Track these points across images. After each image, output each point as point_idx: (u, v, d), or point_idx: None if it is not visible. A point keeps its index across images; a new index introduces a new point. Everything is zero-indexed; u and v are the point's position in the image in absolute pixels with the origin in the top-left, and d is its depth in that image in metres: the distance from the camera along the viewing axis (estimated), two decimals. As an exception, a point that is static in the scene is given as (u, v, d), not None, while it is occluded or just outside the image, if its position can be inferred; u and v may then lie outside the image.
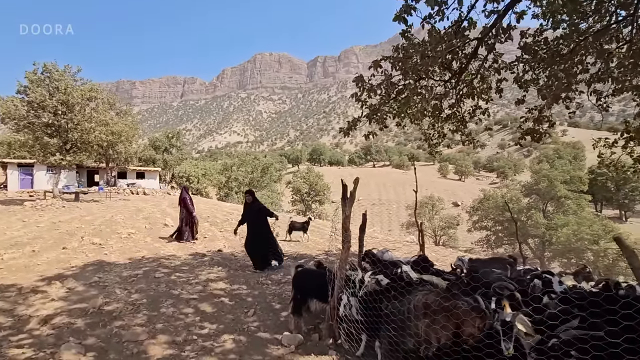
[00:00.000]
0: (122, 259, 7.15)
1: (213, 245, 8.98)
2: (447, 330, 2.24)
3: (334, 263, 7.02)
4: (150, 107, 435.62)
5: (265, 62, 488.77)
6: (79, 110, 18.68)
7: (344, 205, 3.40)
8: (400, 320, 2.56)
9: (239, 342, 3.52)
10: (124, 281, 5.51)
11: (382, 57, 5.16)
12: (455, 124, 5.99)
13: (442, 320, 2.25)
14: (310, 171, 49.27)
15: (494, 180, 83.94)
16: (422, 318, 2.41)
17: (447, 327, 2.26)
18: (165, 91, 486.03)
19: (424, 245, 5.49)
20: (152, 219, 13.42)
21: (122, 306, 4.37)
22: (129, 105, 29.00)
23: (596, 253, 27.69)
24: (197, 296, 4.81)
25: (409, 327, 2.46)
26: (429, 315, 2.36)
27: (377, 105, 5.65)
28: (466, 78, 5.53)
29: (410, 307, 2.46)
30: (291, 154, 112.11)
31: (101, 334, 3.60)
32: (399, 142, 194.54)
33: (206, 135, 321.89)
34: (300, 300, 3.82)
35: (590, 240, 28.22)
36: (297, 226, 10.66)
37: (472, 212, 40.85)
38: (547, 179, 37.84)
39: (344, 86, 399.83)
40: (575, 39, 4.18)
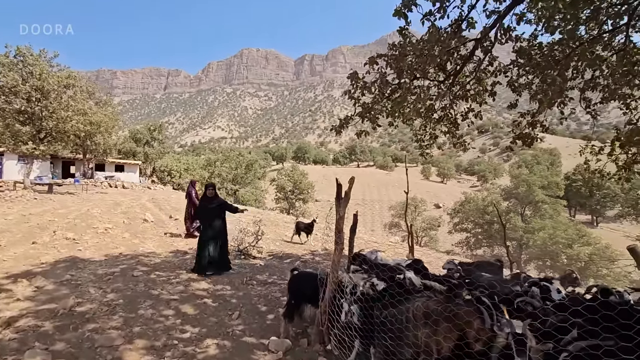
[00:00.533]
0: (98, 256, 6.78)
1: (195, 242, 8.66)
2: (449, 339, 2.13)
3: (320, 264, 6.89)
4: (132, 99, 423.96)
5: (252, 57, 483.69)
6: (54, 97, 17.80)
7: (338, 205, 3.25)
8: (397, 328, 2.43)
9: (223, 347, 3.32)
10: (99, 280, 5.19)
11: (378, 55, 5.05)
12: (448, 126, 5.94)
13: (445, 329, 2.14)
14: (295, 169, 49.01)
15: (474, 184, 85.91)
16: (422, 326, 2.29)
17: (449, 337, 2.15)
18: (148, 82, 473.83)
19: (413, 247, 5.41)
20: (130, 213, 12.90)
21: (96, 307, 4.08)
22: (110, 95, 27.92)
23: (570, 256, 28.69)
24: (178, 297, 4.56)
25: (407, 336, 2.33)
26: (430, 324, 2.24)
27: (370, 104, 5.54)
28: (460, 80, 5.49)
29: (408, 315, 2.34)
30: (276, 151, 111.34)
31: (71, 338, 3.32)
32: (383, 143, 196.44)
33: (189, 130, 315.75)
34: (294, 305, 3.64)
35: (565, 244, 29.24)
36: (302, 227, 10.01)
37: (453, 214, 41.63)
38: (526, 184, 38.95)
39: (331, 85, 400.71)
40: (572, 45, 4.17)
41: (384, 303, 2.59)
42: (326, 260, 7.11)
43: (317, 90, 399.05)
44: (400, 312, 2.40)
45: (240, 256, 7.18)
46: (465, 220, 39.82)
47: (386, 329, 2.49)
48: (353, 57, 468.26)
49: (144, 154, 42.88)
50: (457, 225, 40.40)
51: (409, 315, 2.32)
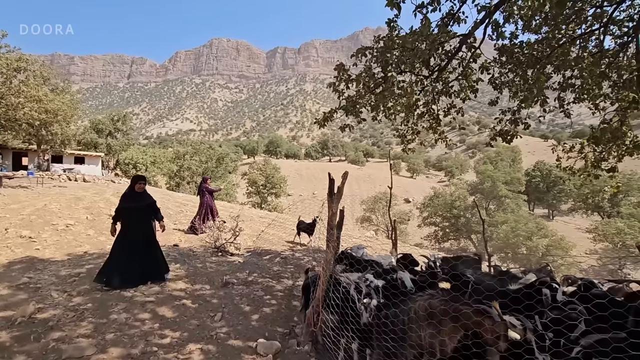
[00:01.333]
0: (60, 255, 6.24)
1: (167, 239, 8.22)
2: (454, 339, 2.07)
3: (301, 260, 6.76)
4: (92, 87, 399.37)
5: (222, 48, 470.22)
6: (3, 82, 16.25)
7: (331, 201, 3.12)
8: (399, 328, 2.35)
9: (208, 352, 3.11)
10: (63, 282, 4.75)
11: (363, 47, 4.94)
12: (430, 121, 5.96)
13: (450, 327, 2.08)
14: (267, 163, 48.34)
15: (442, 179, 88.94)
16: (425, 326, 2.22)
17: (454, 336, 2.09)
18: (110, 70, 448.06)
19: (396, 242, 5.41)
20: (94, 208, 12.08)
21: (60, 313, 3.71)
22: (67, 82, 25.94)
23: (529, 248, 30.48)
24: (153, 298, 4.26)
25: (410, 337, 2.26)
26: (433, 323, 2.17)
27: (354, 97, 5.44)
28: (444, 76, 5.52)
29: (411, 314, 2.26)
30: (247, 144, 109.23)
31: (33, 350, 2.98)
32: (355, 138, 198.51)
33: (155, 121, 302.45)
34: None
35: (525, 237, 31.01)
36: (303, 228, 8.95)
37: (423, 208, 42.89)
38: (491, 179, 40.83)
39: (303, 79, 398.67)
40: (554, 44, 4.27)
41: (384, 303, 2.51)
42: (306, 257, 6.99)
43: (289, 84, 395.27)
44: (402, 311, 2.32)
45: (217, 253, 6.89)
46: (433, 214, 41.14)
47: (385, 328, 2.41)
48: (325, 51, 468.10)
49: (106, 146, 40.46)
50: (426, 219, 41.66)
51: (411, 315, 2.24)
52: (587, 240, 30.85)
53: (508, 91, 5.37)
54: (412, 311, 2.28)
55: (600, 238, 27.18)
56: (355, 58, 4.79)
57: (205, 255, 6.73)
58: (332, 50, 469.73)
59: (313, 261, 6.66)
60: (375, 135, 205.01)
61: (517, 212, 37.78)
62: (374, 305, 2.56)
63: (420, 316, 2.24)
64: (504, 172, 45.57)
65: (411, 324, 2.25)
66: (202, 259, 6.50)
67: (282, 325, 3.82)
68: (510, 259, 31.32)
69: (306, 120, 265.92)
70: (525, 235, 30.61)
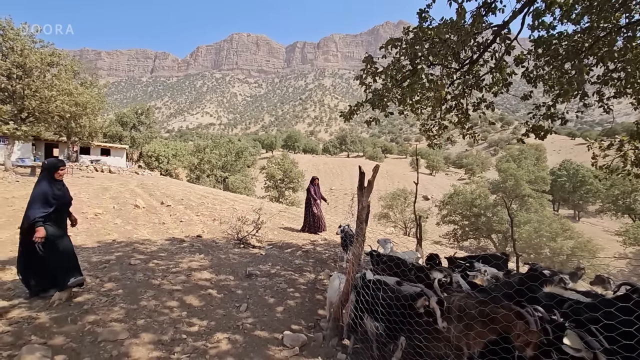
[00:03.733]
0: (90, 242, 6.47)
1: (191, 230, 8.40)
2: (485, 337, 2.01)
3: (322, 254, 6.75)
4: (117, 81, 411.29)
5: (242, 43, 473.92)
6: (37, 75, 16.93)
7: (361, 195, 3.07)
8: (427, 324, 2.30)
9: (235, 342, 3.14)
10: (94, 268, 4.92)
11: (393, 39, 4.83)
12: (458, 116, 5.79)
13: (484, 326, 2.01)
14: (285, 158, 48.53)
15: (462, 177, 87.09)
16: (456, 323, 2.16)
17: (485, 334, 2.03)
18: (134, 65, 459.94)
19: (421, 240, 5.31)
20: (120, 199, 12.47)
21: (94, 297, 3.84)
22: (95, 76, 26.77)
23: (553, 249, 29.47)
24: (180, 287, 4.35)
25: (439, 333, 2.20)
26: (465, 321, 2.10)
27: (381, 90, 5.34)
28: (474, 69, 5.33)
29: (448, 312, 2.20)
30: (265, 139, 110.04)
31: (71, 332, 3.09)
32: (373, 133, 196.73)
33: (177, 115, 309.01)
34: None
35: (549, 237, 29.99)
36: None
37: (442, 206, 42.14)
38: (514, 178, 39.62)
39: (322, 74, 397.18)
40: (598, 34, 4.04)
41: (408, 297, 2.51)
42: (327, 251, 6.98)
43: (308, 79, 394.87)
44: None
45: (239, 245, 6.97)
46: (453, 212, 40.36)
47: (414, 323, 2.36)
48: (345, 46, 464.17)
49: (130, 138, 41.67)
50: (445, 217, 40.93)
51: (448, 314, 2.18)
52: (616, 243, 29.54)
53: (543, 85, 5.14)
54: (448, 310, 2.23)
55: (631, 241, 25.93)
56: (384, 50, 4.68)
57: (227, 247, 6.81)
58: (352, 45, 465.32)
59: (334, 256, 6.64)
60: (393, 131, 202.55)
61: (541, 212, 36.58)
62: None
63: (452, 313, 2.17)
64: (528, 170, 44.13)
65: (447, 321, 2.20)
66: (224, 250, 6.58)
67: (307, 318, 3.82)
68: (533, 260, 30.42)
69: (324, 115, 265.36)
70: (549, 236, 29.63)
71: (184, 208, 11.85)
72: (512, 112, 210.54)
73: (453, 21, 4.06)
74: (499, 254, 5.26)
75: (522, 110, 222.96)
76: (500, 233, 37.14)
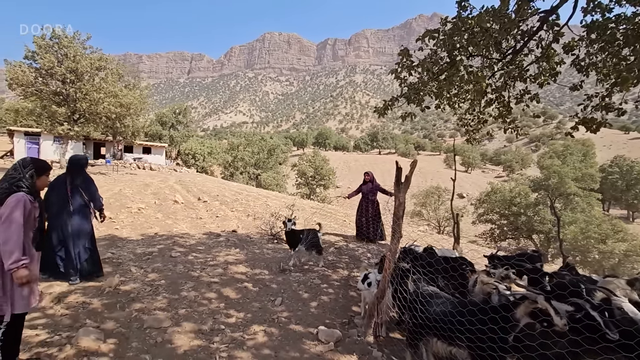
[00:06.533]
0: (135, 235, 6.87)
1: (226, 225, 8.68)
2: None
3: (355, 251, 6.71)
4: (157, 82, 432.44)
5: (274, 42, 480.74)
6: (87, 79, 18.17)
7: (398, 191, 3.01)
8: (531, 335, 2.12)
9: (271, 335, 3.20)
10: (139, 259, 5.21)
11: (430, 30, 4.67)
12: (499, 109, 5.51)
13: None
14: (316, 155, 48.74)
15: (500, 174, 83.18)
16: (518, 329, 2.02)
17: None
18: (172, 67, 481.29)
19: (459, 238, 5.12)
20: (160, 194, 13.13)
21: (139, 287, 4.06)
22: (138, 78, 28.31)
23: (602, 252, 27.41)
24: (218, 280, 4.50)
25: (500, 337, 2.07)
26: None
27: (417, 84, 5.19)
28: (518, 59, 5.04)
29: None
30: (297, 136, 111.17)
31: (120, 317, 3.30)
32: (405, 130, 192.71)
33: (212, 114, 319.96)
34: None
35: (598, 239, 27.92)
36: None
37: (478, 204, 40.51)
38: (558, 175, 37.22)
39: (353, 70, 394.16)
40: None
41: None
42: (360, 248, 6.92)
43: (338, 76, 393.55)
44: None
45: (273, 240, 7.10)
46: (490, 211, 38.69)
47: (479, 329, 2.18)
48: (376, 41, 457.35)
49: (169, 137, 43.74)
50: (481, 215, 39.34)
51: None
52: (678, 246, 26.93)
53: (596, 74, 4.76)
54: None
55: (697, 245, 23.55)
56: (420, 42, 4.54)
57: (261, 242, 6.96)
58: (384, 40, 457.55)
59: (367, 253, 6.59)
60: (427, 128, 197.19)
61: (589, 211, 34.11)
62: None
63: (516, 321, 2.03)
64: (574, 167, 41.25)
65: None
66: (259, 245, 6.73)
67: (341, 314, 3.81)
68: (579, 264, 28.47)
69: (355, 112, 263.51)
70: (597, 237, 27.57)
71: (219, 204, 12.25)
72: (556, 106, 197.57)
73: (495, 9, 3.85)
74: (535, 254, 4.94)
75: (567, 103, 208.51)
76: (542, 233, 35.11)
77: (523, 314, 1.93)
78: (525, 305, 1.93)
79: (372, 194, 7.37)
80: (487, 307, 2.05)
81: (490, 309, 2.03)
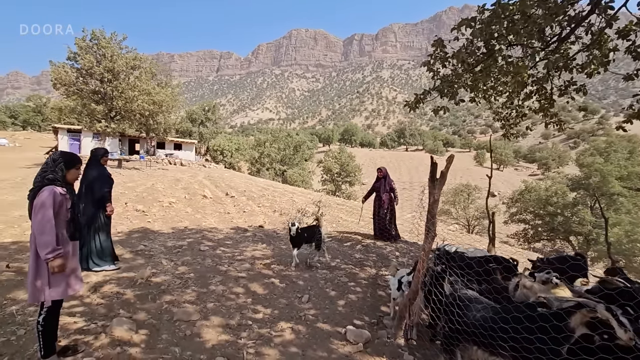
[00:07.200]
0: (166, 228, 7.06)
1: (253, 220, 8.76)
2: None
3: (383, 249, 6.56)
4: (187, 81, 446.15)
5: (300, 38, 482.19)
6: (123, 78, 18.96)
7: (432, 187, 2.85)
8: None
9: (299, 332, 3.15)
10: (169, 252, 5.34)
11: (467, 19, 4.42)
12: (541, 102, 5.15)
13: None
14: (342, 151, 48.47)
15: (534, 172, 79.31)
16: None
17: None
18: (202, 65, 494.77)
19: (494, 239, 4.85)
20: (190, 189, 13.50)
21: (170, 279, 4.15)
22: (169, 76, 29.26)
23: (650, 257, 25.49)
24: (245, 274, 4.52)
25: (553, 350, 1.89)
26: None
27: (451, 76, 4.94)
28: (562, 47, 4.68)
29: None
30: (322, 133, 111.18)
31: (151, 309, 3.37)
32: (434, 126, 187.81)
33: (239, 111, 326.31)
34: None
35: (645, 243, 25.99)
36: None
37: (511, 203, 38.81)
38: (600, 174, 34.90)
39: (380, 66, 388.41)
40: None
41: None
42: (388, 246, 6.76)
43: (365, 71, 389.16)
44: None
45: (299, 236, 7.07)
46: (523, 210, 36.97)
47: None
48: (404, 35, 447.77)
49: (199, 134, 45.01)
50: (514, 215, 37.67)
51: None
52: None
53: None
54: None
55: None
56: (456, 32, 4.31)
57: (288, 238, 6.94)
58: (412, 34, 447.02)
59: (396, 251, 6.42)
60: (456, 124, 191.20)
61: (636, 213, 31.77)
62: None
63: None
64: (618, 165, 38.50)
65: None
66: (285, 241, 6.72)
67: (369, 314, 3.70)
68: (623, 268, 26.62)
69: (382, 108, 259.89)
70: (645, 241, 25.66)
71: (246, 199, 12.42)
72: (598, 100, 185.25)
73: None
74: (577, 256, 4.56)
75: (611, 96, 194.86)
76: (580, 235, 33.12)
77: (578, 324, 1.73)
78: (581, 314, 1.73)
79: (385, 192, 7.11)
80: (537, 315, 1.86)
81: (540, 316, 1.85)
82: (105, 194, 4.30)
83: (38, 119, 68.86)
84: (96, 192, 4.25)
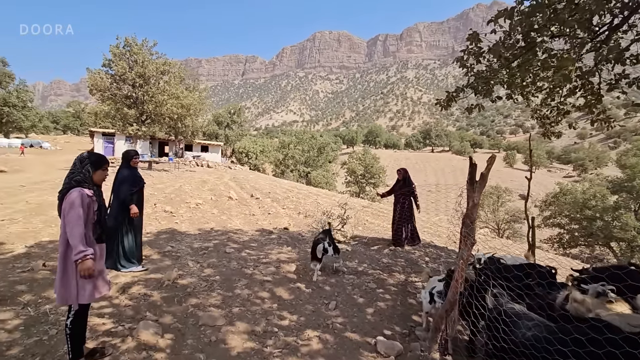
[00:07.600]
0: (192, 230, 7.13)
1: (278, 222, 8.72)
2: None
3: (412, 254, 6.30)
4: (214, 85, 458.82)
5: (324, 40, 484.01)
6: (153, 83, 19.62)
7: (472, 190, 2.63)
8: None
9: (326, 342, 3.01)
10: (196, 253, 5.35)
11: (505, 10, 4.14)
12: (587, 98, 4.75)
13: None
14: (366, 153, 47.98)
15: (569, 174, 75.35)
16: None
17: None
18: (228, 69, 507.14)
19: (534, 245, 4.51)
20: (216, 191, 13.70)
21: (195, 281, 4.12)
22: (197, 81, 30.07)
23: None
24: (270, 278, 4.43)
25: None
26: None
27: (486, 72, 4.66)
28: (613, 37, 4.28)
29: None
30: (346, 134, 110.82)
31: (177, 312, 3.33)
32: (460, 127, 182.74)
33: (264, 114, 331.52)
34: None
35: (698, 251, 23.97)
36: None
37: (544, 206, 36.91)
38: (645, 176, 32.54)
39: (404, 66, 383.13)
40: None
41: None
42: (417, 251, 6.49)
43: (389, 72, 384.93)
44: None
45: (324, 239, 6.93)
46: (558, 214, 35.05)
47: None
48: (430, 34, 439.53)
49: (225, 136, 45.99)
50: (547, 219, 35.77)
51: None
52: None
53: None
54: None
55: None
56: (493, 24, 4.04)
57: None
58: (438, 32, 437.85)
59: (425, 256, 6.15)
60: (484, 124, 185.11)
61: (686, 218, 29.33)
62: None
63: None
64: (667, 166, 35.75)
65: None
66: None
67: (400, 324, 3.50)
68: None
69: (407, 108, 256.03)
70: (698, 249, 23.65)
71: (270, 201, 12.45)
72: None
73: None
74: (633, 267, 4.12)
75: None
76: (623, 241, 30.97)
77: None
78: None
79: (403, 196, 6.63)
80: (603, 338, 1.61)
81: (607, 340, 1.60)
82: (127, 195, 4.34)
83: (77, 123, 73.12)
84: (121, 193, 4.33)
